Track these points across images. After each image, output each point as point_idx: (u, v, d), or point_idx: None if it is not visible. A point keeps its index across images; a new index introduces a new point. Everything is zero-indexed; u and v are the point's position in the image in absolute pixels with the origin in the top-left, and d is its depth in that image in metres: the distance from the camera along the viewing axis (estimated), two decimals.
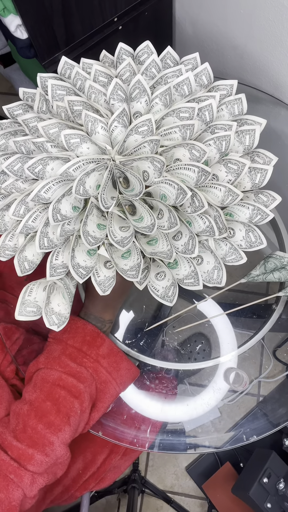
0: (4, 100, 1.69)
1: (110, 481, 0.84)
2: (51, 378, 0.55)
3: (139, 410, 0.70)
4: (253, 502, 0.94)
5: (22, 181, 0.56)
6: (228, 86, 0.59)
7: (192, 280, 0.56)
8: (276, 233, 0.76)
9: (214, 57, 0.96)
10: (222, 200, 0.54)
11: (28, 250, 0.55)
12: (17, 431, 0.52)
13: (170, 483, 1.33)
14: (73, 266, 0.52)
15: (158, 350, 0.73)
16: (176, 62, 0.62)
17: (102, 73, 0.59)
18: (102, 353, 0.59)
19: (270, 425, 0.69)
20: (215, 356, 0.71)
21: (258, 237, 0.56)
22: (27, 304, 0.55)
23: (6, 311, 0.76)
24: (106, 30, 0.84)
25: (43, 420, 0.52)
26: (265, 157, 0.57)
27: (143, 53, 0.62)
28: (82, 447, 0.78)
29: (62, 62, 0.61)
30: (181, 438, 0.70)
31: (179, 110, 0.54)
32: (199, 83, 0.60)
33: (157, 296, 0.56)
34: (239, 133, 0.56)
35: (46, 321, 0.54)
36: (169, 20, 0.97)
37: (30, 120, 0.57)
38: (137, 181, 0.51)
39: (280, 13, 0.71)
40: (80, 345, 0.58)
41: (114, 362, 0.60)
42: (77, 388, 0.55)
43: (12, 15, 0.72)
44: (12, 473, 0.49)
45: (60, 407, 0.53)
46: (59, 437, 0.52)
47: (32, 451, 0.50)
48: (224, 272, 0.57)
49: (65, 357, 0.57)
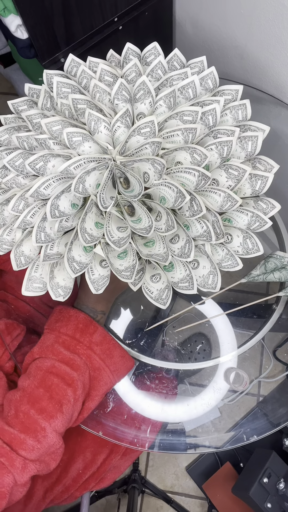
0: (4, 100, 1.69)
1: (110, 481, 0.84)
2: (45, 366, 0.56)
3: (139, 410, 0.70)
4: (253, 502, 0.94)
5: (23, 176, 0.56)
6: (234, 91, 0.59)
7: (187, 284, 0.56)
8: (276, 233, 0.76)
9: (214, 57, 0.96)
10: (221, 206, 0.54)
11: (25, 245, 0.56)
12: (9, 417, 0.52)
13: (170, 483, 1.33)
14: (68, 259, 0.52)
15: (158, 350, 0.73)
16: (182, 65, 0.62)
17: (108, 72, 0.59)
18: (95, 340, 0.59)
19: (270, 425, 0.69)
20: (215, 356, 0.71)
21: (255, 244, 0.56)
22: (34, 280, 0.55)
23: (7, 311, 0.76)
24: (106, 30, 0.84)
25: (35, 406, 0.52)
26: (267, 164, 0.57)
27: (150, 54, 0.62)
28: (82, 447, 0.78)
29: (69, 59, 0.61)
30: (181, 438, 0.70)
31: (183, 113, 0.54)
32: (205, 86, 0.60)
33: (151, 298, 0.56)
34: (241, 139, 0.56)
35: (52, 294, 0.55)
36: (169, 20, 0.97)
37: (34, 116, 0.57)
38: (137, 182, 0.51)
39: (280, 13, 0.71)
40: (73, 332, 0.58)
41: (107, 349, 0.60)
42: (70, 376, 0.55)
43: (13, 15, 0.72)
44: (4, 455, 0.49)
45: (53, 394, 0.54)
46: (51, 424, 0.52)
47: (23, 436, 0.50)
48: (219, 277, 0.57)
49: (58, 345, 0.57)
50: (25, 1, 0.68)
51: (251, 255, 0.56)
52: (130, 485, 1.17)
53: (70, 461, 0.77)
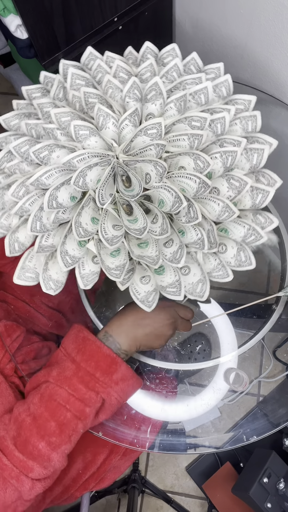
0: (4, 100, 1.69)
1: (110, 481, 0.84)
2: (59, 397, 0.54)
3: (139, 410, 0.70)
4: (253, 502, 0.94)
5: (27, 163, 0.56)
6: (246, 101, 0.59)
7: (175, 290, 0.55)
8: (276, 233, 0.76)
9: (214, 57, 0.96)
10: (218, 215, 0.54)
11: (21, 231, 0.55)
12: (18, 443, 0.52)
13: (170, 483, 1.33)
14: (61, 252, 0.52)
15: (158, 350, 0.73)
16: (199, 69, 0.61)
17: (123, 69, 0.59)
18: (115, 378, 0.56)
19: (270, 425, 0.69)
20: (215, 356, 0.71)
21: (248, 257, 0.56)
22: (27, 270, 0.55)
23: (6, 311, 0.76)
24: (106, 30, 0.84)
25: (45, 439, 0.52)
26: (270, 179, 0.57)
27: (167, 55, 0.61)
28: (82, 447, 0.78)
29: (87, 52, 0.61)
30: (181, 438, 0.70)
31: (191, 118, 0.54)
32: (218, 93, 0.59)
33: (137, 299, 0.55)
34: (247, 150, 0.56)
35: (43, 286, 0.54)
36: (169, 20, 0.97)
37: (45, 105, 0.57)
38: (137, 182, 0.51)
39: (280, 13, 0.71)
40: (93, 370, 0.55)
41: (126, 386, 0.58)
42: (84, 412, 0.54)
43: (12, 15, 0.72)
44: (14, 478, 0.50)
45: (63, 428, 0.53)
46: (59, 453, 0.53)
47: (32, 463, 0.51)
48: (208, 286, 0.56)
49: (76, 379, 0.55)
50: (25, 1, 0.68)
51: (242, 268, 0.56)
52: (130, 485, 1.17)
53: (70, 462, 0.76)
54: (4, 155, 0.56)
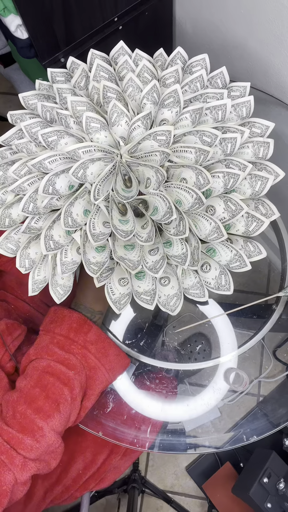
0: (4, 100, 1.69)
1: (110, 481, 0.84)
2: (40, 366, 0.56)
3: (139, 410, 0.70)
4: (253, 502, 0.94)
5: (35, 144, 0.56)
6: (264, 126, 0.58)
7: (148, 298, 0.56)
8: (276, 233, 0.76)
9: (214, 57, 0.95)
10: (208, 234, 0.54)
11: (14, 208, 0.56)
12: (7, 418, 0.53)
13: (170, 483, 1.33)
14: (45, 236, 0.52)
15: (158, 350, 0.73)
16: (225, 84, 0.61)
17: (149, 70, 0.59)
18: (89, 339, 0.59)
19: (270, 425, 0.69)
20: (215, 356, 0.71)
21: (228, 282, 0.57)
22: (10, 240, 0.56)
23: (7, 311, 0.76)
24: (106, 30, 0.84)
25: (32, 406, 0.53)
26: (268, 209, 0.57)
27: (196, 64, 0.61)
28: (82, 447, 0.78)
29: (118, 46, 0.61)
30: (181, 438, 0.70)
31: (203, 133, 0.54)
32: (238, 113, 0.59)
33: (110, 299, 0.56)
34: (252, 176, 0.56)
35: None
36: (169, 20, 0.97)
37: (64, 90, 0.57)
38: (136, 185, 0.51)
39: (280, 13, 0.71)
40: (67, 332, 0.59)
41: (102, 348, 0.61)
42: (66, 375, 0.55)
43: (13, 15, 0.72)
44: (4, 453, 0.50)
45: (49, 393, 0.54)
46: (49, 423, 0.53)
47: (21, 435, 0.51)
48: (181, 302, 0.57)
49: (53, 345, 0.58)
50: (25, 1, 0.68)
51: (220, 292, 0.57)
52: (130, 485, 1.17)
53: (70, 462, 0.77)
54: (16, 131, 0.57)
